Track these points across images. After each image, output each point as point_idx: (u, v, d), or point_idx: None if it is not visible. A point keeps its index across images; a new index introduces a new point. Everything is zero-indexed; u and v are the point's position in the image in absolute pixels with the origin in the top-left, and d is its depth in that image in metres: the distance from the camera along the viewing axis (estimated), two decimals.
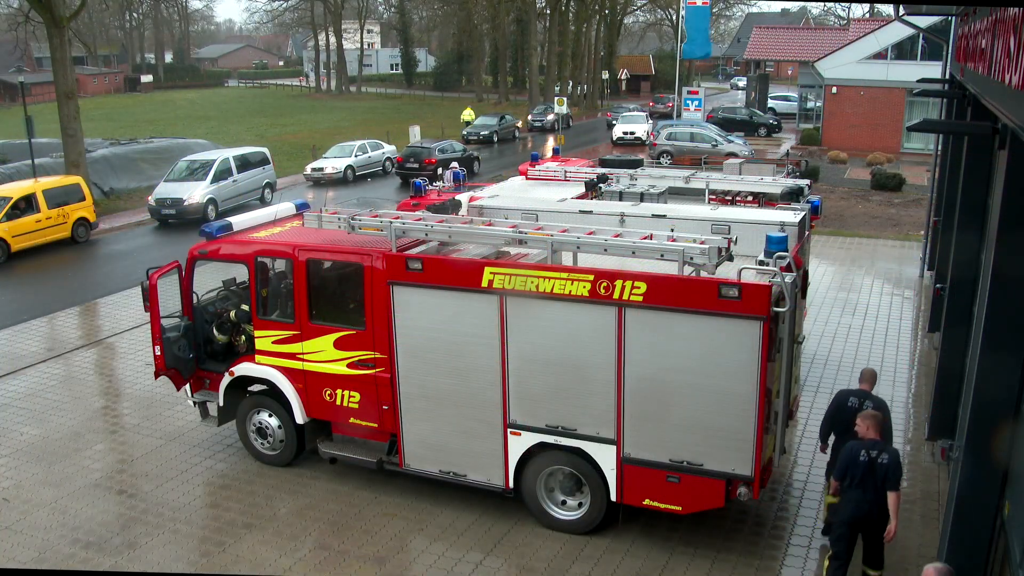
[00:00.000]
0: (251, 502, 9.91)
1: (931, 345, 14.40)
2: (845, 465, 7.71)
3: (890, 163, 34.66)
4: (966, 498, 6.78)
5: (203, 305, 11.06)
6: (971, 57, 9.29)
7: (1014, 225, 6.36)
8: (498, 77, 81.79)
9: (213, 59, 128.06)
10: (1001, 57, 6.36)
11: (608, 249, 8.40)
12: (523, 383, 8.73)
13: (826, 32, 60.82)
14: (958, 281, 10.62)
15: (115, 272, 20.45)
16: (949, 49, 16.32)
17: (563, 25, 66.57)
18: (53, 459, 11.00)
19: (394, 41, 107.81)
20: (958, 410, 9.54)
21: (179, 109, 70.11)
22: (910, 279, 18.61)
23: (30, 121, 27.42)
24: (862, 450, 7.63)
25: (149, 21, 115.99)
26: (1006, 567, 6.52)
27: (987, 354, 6.57)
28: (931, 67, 26.18)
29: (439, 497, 9.81)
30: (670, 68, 70.47)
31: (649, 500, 8.56)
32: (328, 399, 9.93)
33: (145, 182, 30.62)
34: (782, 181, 12.47)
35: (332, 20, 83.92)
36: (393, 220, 9.37)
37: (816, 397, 12.46)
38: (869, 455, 7.58)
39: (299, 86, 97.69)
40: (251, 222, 10.95)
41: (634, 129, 43.71)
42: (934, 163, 18.54)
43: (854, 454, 7.65)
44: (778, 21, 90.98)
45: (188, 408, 11.82)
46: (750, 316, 7.61)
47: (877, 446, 7.66)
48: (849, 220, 24.68)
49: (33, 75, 68.08)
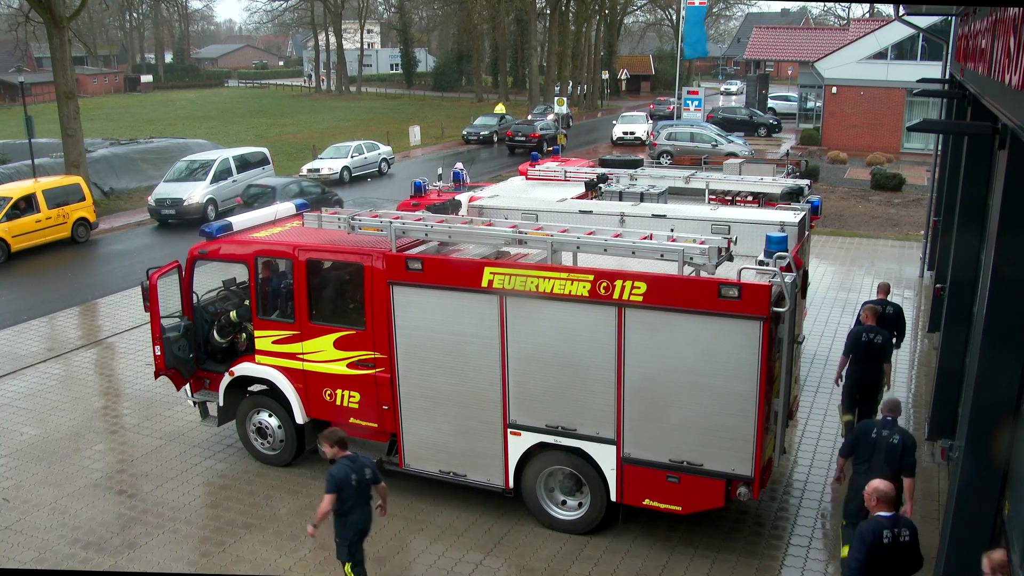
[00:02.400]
0: (251, 502, 9.91)
1: (931, 345, 14.40)
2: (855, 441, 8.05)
3: (890, 163, 34.66)
4: (966, 498, 6.78)
5: (203, 305, 11.06)
6: (971, 57, 9.29)
7: (1014, 225, 6.35)
8: (498, 77, 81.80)
9: (213, 59, 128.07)
10: (1001, 57, 6.36)
11: (608, 249, 8.40)
12: (523, 383, 8.73)
13: (826, 32, 60.78)
14: (958, 281, 10.62)
15: (115, 272, 20.46)
16: (949, 49, 16.33)
17: (563, 25, 66.55)
18: (53, 459, 11.00)
19: (394, 41, 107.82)
20: (958, 410, 9.56)
21: (179, 109, 70.12)
22: (910, 279, 18.61)
23: (30, 121, 27.42)
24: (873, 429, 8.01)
25: (149, 21, 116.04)
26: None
27: (987, 354, 6.57)
28: (931, 67, 26.20)
29: (439, 497, 9.81)
30: (670, 68, 70.56)
31: (649, 500, 8.56)
32: (328, 399, 9.93)
33: (145, 182, 30.63)
34: (782, 181, 12.48)
35: (332, 20, 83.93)
36: (393, 220, 9.37)
37: (816, 397, 12.47)
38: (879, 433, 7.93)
39: (301, 86, 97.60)
40: (251, 222, 10.95)
41: (634, 129, 43.71)
42: (934, 163, 18.54)
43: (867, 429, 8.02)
44: (778, 21, 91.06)
45: (188, 408, 11.82)
46: (750, 316, 7.61)
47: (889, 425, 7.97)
48: (849, 220, 24.68)
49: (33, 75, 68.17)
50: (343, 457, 7.45)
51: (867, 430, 8.11)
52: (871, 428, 8.10)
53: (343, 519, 7.44)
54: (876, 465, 7.79)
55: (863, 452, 8.01)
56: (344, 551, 7.61)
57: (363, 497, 7.49)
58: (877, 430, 8.01)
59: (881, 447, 7.88)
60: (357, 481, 7.38)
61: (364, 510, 7.53)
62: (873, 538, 6.46)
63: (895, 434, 7.91)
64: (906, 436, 7.95)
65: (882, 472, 7.50)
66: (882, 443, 7.88)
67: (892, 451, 7.81)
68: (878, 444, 7.92)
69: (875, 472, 7.53)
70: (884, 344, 10.03)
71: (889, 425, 8.07)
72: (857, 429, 8.36)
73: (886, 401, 8.83)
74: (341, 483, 7.28)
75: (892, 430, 7.97)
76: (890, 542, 6.50)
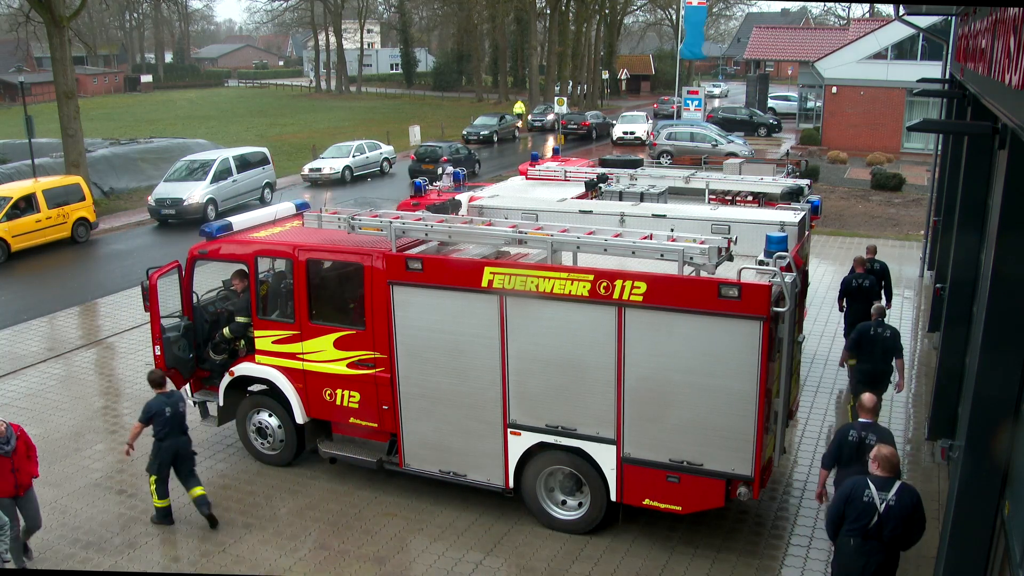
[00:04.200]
0: (251, 502, 9.91)
1: (931, 345, 14.40)
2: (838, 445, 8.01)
3: (890, 163, 34.66)
4: (966, 498, 6.78)
5: (203, 305, 11.06)
6: (971, 57, 9.29)
7: (1014, 225, 6.35)
8: (498, 77, 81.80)
9: (213, 59, 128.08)
10: (1001, 57, 6.36)
11: (608, 249, 8.40)
12: (523, 383, 8.73)
13: (826, 32, 60.80)
14: (958, 281, 10.61)
15: (115, 272, 20.45)
16: (949, 49, 16.33)
17: (563, 25, 66.57)
18: (53, 459, 10.99)
19: (394, 41, 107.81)
20: (958, 410, 9.55)
21: (179, 109, 70.11)
22: (910, 279, 18.61)
23: (30, 121, 27.42)
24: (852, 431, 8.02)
25: (149, 21, 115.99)
26: (1006, 567, 6.51)
27: (987, 354, 6.57)
28: (931, 67, 26.18)
29: (439, 497, 9.81)
30: (670, 68, 70.54)
31: (649, 500, 8.56)
32: (328, 399, 9.93)
33: (145, 182, 30.63)
34: (782, 181, 12.48)
35: (332, 20, 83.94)
36: (393, 220, 9.37)
37: (816, 397, 12.47)
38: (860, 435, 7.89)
39: (303, 86, 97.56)
40: (251, 222, 10.95)
41: (634, 129, 43.72)
42: (934, 163, 18.55)
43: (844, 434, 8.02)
44: (778, 21, 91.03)
45: (188, 408, 11.79)
46: (750, 316, 7.61)
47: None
48: (849, 220, 24.67)
49: (33, 75, 68.16)
50: (159, 393, 9.15)
51: (845, 432, 8.05)
52: (848, 430, 8.04)
53: (159, 444, 9.12)
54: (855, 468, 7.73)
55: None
56: (155, 466, 9.18)
57: (177, 427, 9.13)
58: (856, 432, 7.93)
59: (864, 449, 7.74)
60: (171, 414, 9.07)
61: (179, 439, 9.18)
62: (840, 436, 7.92)
63: (872, 434, 7.83)
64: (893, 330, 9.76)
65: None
66: (865, 448, 7.65)
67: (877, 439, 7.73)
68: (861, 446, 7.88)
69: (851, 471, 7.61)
70: (893, 338, 10.49)
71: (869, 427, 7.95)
72: (839, 434, 8.17)
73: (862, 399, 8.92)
74: (154, 414, 9.03)
75: (870, 430, 7.92)
76: (855, 440, 7.74)
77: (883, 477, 6.70)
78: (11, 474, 8.16)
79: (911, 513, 6.64)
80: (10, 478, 8.16)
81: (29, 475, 8.41)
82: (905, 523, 6.64)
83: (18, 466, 8.22)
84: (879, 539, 6.65)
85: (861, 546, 6.69)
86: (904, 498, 6.63)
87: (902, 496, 6.63)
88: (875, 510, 6.59)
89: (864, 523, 6.63)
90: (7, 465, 8.12)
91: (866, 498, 6.61)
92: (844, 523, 6.74)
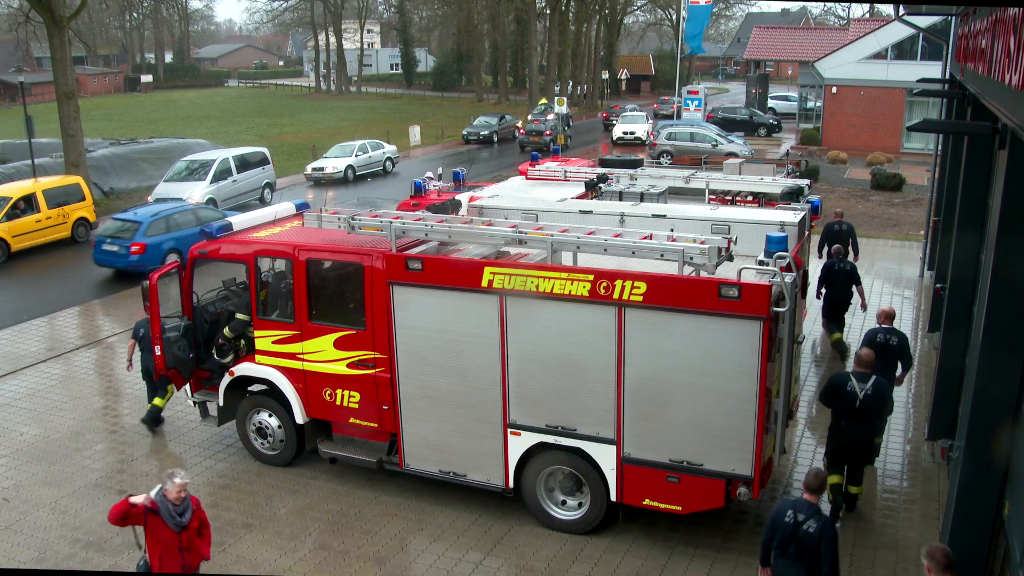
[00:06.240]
0: (251, 502, 9.91)
1: (931, 345, 14.40)
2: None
3: (890, 163, 34.65)
4: (966, 498, 6.79)
5: (203, 305, 11.06)
6: (971, 57, 9.29)
7: (1014, 225, 6.36)
8: (498, 77, 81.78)
9: (213, 59, 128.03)
10: (1001, 57, 6.36)
11: (608, 249, 8.40)
12: (523, 383, 8.73)
13: (826, 32, 60.81)
14: (958, 281, 10.62)
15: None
16: (949, 49, 16.33)
17: (563, 25, 66.58)
18: (53, 459, 10.99)
19: (394, 41, 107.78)
20: (958, 410, 9.56)
21: (179, 109, 70.09)
22: (910, 279, 18.61)
23: (30, 121, 27.41)
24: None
25: (149, 21, 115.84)
26: (1006, 567, 6.52)
27: (987, 354, 6.58)
28: (931, 67, 26.18)
29: (439, 497, 9.81)
30: (670, 68, 70.55)
31: (649, 500, 8.56)
32: (328, 399, 9.93)
33: (145, 182, 30.61)
34: (782, 181, 12.47)
35: (332, 20, 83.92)
36: (393, 220, 9.37)
37: (816, 397, 12.44)
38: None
39: (303, 86, 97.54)
40: (251, 222, 10.95)
41: (634, 129, 43.71)
42: (934, 163, 18.55)
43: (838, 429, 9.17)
44: (778, 21, 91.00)
45: (188, 408, 11.82)
46: (750, 316, 7.61)
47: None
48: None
49: (33, 75, 68.16)
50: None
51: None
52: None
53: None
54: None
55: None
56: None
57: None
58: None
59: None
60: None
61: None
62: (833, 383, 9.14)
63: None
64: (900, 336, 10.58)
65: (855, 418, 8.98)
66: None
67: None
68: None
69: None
70: (852, 269, 12.38)
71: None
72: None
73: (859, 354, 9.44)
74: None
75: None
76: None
77: (861, 372, 8.91)
78: (179, 553, 7.04)
79: (883, 397, 8.95)
80: (177, 557, 7.02)
81: (200, 557, 7.28)
82: (879, 405, 8.90)
83: (188, 545, 7.10)
84: (862, 419, 8.83)
85: (849, 425, 8.89)
86: (878, 386, 8.85)
87: (877, 385, 8.84)
88: (856, 397, 8.78)
89: (850, 406, 8.80)
90: (175, 543, 6.99)
91: (849, 388, 8.82)
92: (834, 409, 9.03)
